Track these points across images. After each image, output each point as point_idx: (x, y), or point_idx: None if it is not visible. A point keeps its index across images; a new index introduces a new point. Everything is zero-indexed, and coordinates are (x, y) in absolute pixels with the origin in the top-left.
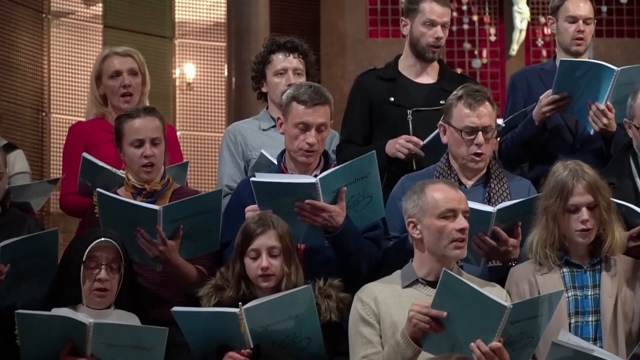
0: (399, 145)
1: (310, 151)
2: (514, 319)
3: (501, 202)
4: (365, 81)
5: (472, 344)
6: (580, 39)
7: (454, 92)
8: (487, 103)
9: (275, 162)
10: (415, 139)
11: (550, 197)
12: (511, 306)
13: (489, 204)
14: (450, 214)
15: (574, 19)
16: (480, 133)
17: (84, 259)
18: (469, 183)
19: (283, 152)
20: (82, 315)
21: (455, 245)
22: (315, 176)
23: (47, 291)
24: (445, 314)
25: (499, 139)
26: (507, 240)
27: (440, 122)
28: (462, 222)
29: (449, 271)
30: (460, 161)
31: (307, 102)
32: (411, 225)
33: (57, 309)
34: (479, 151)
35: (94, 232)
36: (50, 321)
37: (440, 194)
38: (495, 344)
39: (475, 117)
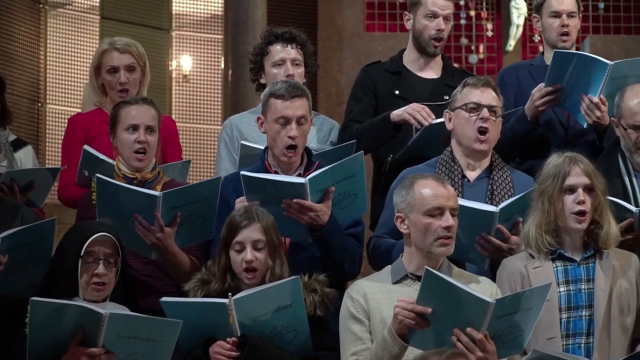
0: (412, 110)
1: (292, 145)
2: (499, 313)
3: (504, 194)
4: (372, 71)
5: (453, 336)
6: (566, 33)
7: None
8: (490, 88)
9: (258, 147)
10: (428, 109)
11: (546, 180)
12: (494, 302)
13: (492, 197)
14: (437, 212)
15: (557, 14)
16: (485, 108)
17: (82, 253)
18: (472, 176)
19: (266, 148)
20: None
21: (441, 242)
22: (299, 175)
23: (42, 282)
24: (430, 310)
25: None
26: (509, 238)
27: (445, 111)
28: (448, 219)
29: (431, 269)
30: (465, 142)
31: (285, 95)
32: (399, 220)
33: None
34: (484, 125)
35: (90, 225)
36: (65, 309)
37: (428, 190)
38: (476, 334)
39: (479, 95)
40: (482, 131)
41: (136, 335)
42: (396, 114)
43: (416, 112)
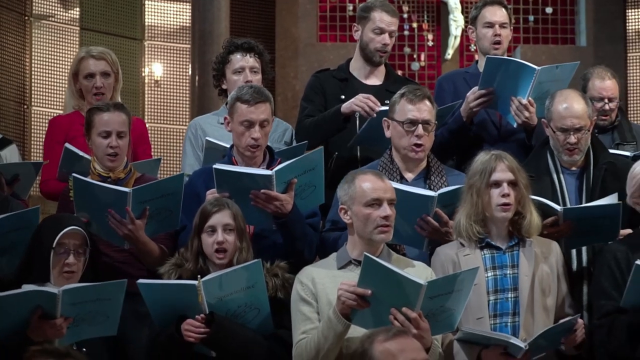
0: (358, 101)
1: (255, 145)
2: (431, 294)
3: None
4: (322, 77)
5: (391, 315)
6: (498, 42)
7: (398, 92)
8: (426, 101)
9: (222, 144)
10: (373, 98)
11: (475, 175)
12: (426, 284)
13: None
14: (375, 203)
15: (491, 25)
16: (420, 125)
17: (54, 245)
18: (410, 177)
19: (232, 146)
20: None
21: (380, 230)
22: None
23: (18, 270)
24: (369, 291)
25: None
26: (447, 222)
27: (384, 118)
28: (386, 209)
29: (369, 255)
30: (402, 152)
31: (250, 101)
32: (342, 211)
33: (27, 285)
34: (418, 142)
35: (62, 219)
36: (22, 297)
37: (367, 184)
38: (411, 313)
39: (416, 111)
40: (417, 144)
41: (88, 299)
42: (346, 106)
43: (364, 104)
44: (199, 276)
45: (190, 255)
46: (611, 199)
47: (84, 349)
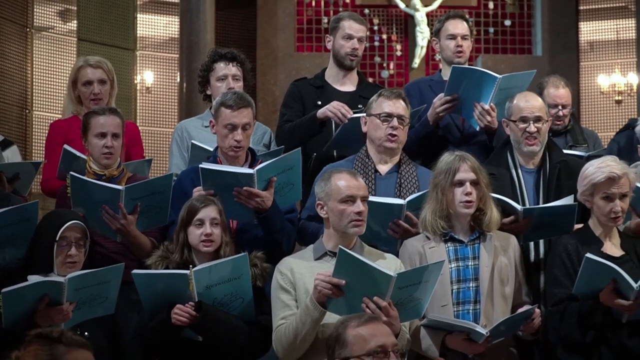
0: (332, 107)
1: (238, 147)
2: (400, 284)
3: (411, 186)
4: (299, 85)
5: (363, 304)
6: (460, 52)
7: (375, 93)
8: (401, 100)
9: (206, 147)
10: (346, 106)
11: (440, 174)
12: (396, 275)
13: (400, 189)
14: (349, 199)
15: (453, 36)
16: (395, 119)
17: (57, 238)
18: (384, 170)
19: (217, 147)
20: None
21: (354, 224)
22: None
23: (23, 261)
24: (343, 281)
25: None
26: (417, 224)
27: (362, 116)
28: (359, 205)
29: (344, 248)
30: (377, 143)
31: (233, 106)
32: (319, 206)
33: (31, 276)
34: (393, 132)
35: (63, 214)
36: (32, 288)
37: (342, 182)
38: (382, 302)
39: (392, 106)
40: (392, 135)
41: (90, 284)
42: (321, 112)
43: (337, 110)
44: (190, 266)
45: (176, 247)
46: (568, 200)
47: (86, 333)
